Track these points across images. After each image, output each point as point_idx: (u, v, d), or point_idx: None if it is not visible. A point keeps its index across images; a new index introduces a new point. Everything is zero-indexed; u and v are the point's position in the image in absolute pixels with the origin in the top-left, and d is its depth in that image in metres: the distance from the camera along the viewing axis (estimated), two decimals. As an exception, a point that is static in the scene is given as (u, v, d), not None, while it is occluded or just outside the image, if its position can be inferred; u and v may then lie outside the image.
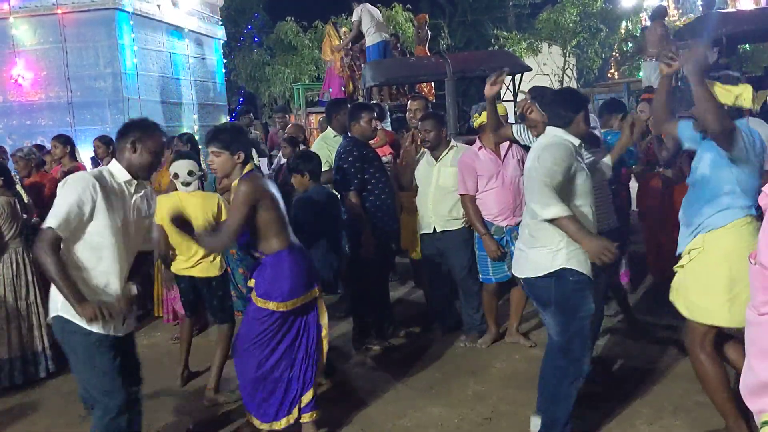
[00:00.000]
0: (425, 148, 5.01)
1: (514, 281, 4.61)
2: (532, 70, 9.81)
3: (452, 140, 5.12)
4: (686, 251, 3.31)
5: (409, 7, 19.17)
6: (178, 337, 5.48)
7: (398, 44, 11.32)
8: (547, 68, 18.44)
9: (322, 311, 3.76)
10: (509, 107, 8.13)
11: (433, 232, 5.01)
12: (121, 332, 3.08)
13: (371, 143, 5.13)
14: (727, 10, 11.71)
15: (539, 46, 19.64)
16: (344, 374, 4.61)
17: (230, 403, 4.25)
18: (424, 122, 4.98)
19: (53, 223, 2.85)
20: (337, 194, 5.04)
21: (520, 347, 4.86)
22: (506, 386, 4.27)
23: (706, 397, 3.84)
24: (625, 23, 19.79)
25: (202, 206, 4.35)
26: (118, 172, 3.07)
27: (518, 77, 9.20)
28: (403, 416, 3.98)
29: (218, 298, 4.44)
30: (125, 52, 10.20)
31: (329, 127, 5.68)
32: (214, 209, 4.42)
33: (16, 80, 10.11)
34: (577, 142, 3.33)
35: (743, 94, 3.24)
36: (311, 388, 3.68)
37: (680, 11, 18.46)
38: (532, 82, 10.19)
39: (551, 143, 3.27)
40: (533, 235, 3.31)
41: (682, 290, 3.33)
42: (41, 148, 7.34)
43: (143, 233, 3.23)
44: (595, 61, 19.74)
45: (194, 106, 12.14)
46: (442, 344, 5.08)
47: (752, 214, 3.16)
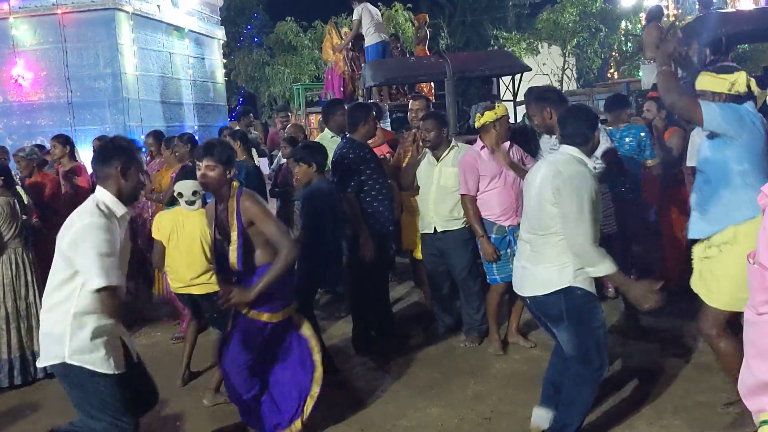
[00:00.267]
0: (426, 147, 5.01)
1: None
2: (531, 70, 9.81)
3: (453, 140, 5.12)
4: (715, 243, 3.28)
5: (409, 6, 19.20)
6: (178, 336, 5.49)
7: (398, 44, 11.32)
8: (546, 68, 18.48)
9: (301, 324, 3.79)
10: (509, 107, 8.15)
11: (433, 232, 5.00)
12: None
13: (369, 142, 5.13)
14: (726, 10, 11.71)
15: (539, 46, 19.68)
16: (344, 374, 4.61)
17: (231, 403, 4.24)
18: (425, 122, 4.98)
19: (104, 281, 2.67)
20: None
21: (520, 347, 4.86)
22: (506, 386, 4.27)
23: (706, 397, 3.87)
24: (624, 23, 19.84)
25: (201, 223, 4.33)
26: (113, 204, 2.87)
27: (518, 77, 9.21)
28: (402, 416, 3.98)
29: (219, 311, 4.41)
30: (125, 52, 10.22)
31: (326, 128, 5.66)
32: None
33: (16, 80, 10.12)
34: (591, 163, 3.25)
35: (738, 80, 3.25)
36: (307, 398, 3.69)
37: (680, 11, 18.47)
38: (531, 82, 10.21)
39: (575, 175, 3.11)
40: (537, 251, 3.25)
41: (708, 279, 3.33)
42: (41, 148, 7.34)
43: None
44: (594, 61, 19.78)
45: (194, 106, 12.15)
46: (442, 344, 5.09)
47: None
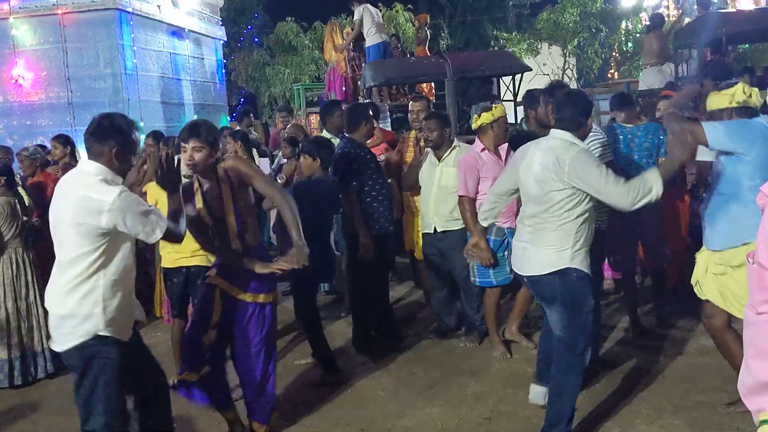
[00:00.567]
0: (428, 147, 5.01)
1: (518, 284, 4.61)
2: (531, 70, 9.81)
3: (455, 140, 5.11)
4: (725, 263, 3.36)
5: (409, 7, 19.20)
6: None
7: (399, 44, 11.32)
8: (547, 68, 18.44)
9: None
10: (509, 107, 8.16)
11: (434, 232, 5.00)
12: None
13: (367, 142, 5.13)
14: (726, 10, 11.71)
15: (539, 46, 19.66)
16: (345, 374, 4.61)
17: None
18: (427, 121, 4.98)
19: (162, 227, 2.85)
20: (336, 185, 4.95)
21: (520, 347, 4.85)
22: (506, 386, 4.27)
23: (706, 396, 3.87)
24: (625, 23, 19.81)
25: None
26: (114, 177, 2.90)
27: (518, 77, 9.21)
28: (403, 416, 3.98)
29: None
30: (125, 52, 10.21)
31: (324, 129, 5.65)
32: None
33: (16, 80, 10.12)
34: (583, 146, 3.40)
35: (736, 91, 3.40)
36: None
37: (681, 11, 18.46)
38: (531, 82, 10.19)
39: (577, 155, 3.23)
40: (537, 233, 3.37)
41: (728, 296, 3.40)
42: (44, 148, 7.34)
43: None
44: (595, 61, 19.76)
45: (194, 106, 12.15)
46: (442, 344, 5.09)
47: None
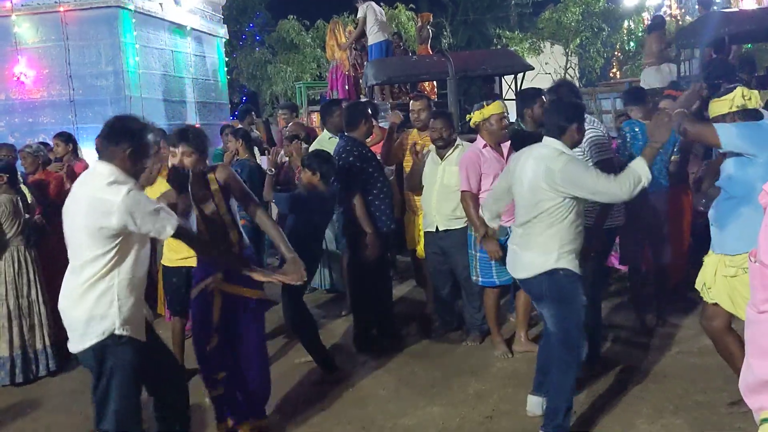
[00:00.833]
0: (437, 146, 4.99)
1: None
2: (534, 69, 9.80)
3: (458, 139, 5.11)
4: (736, 265, 3.36)
5: (412, 6, 19.18)
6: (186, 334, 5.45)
7: (401, 43, 11.31)
8: (549, 68, 18.44)
9: None
10: (511, 106, 8.13)
11: (435, 230, 4.99)
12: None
13: (367, 141, 5.12)
14: (729, 9, 11.68)
15: (541, 45, 19.63)
16: (345, 373, 4.61)
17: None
18: (435, 121, 4.97)
19: (173, 224, 2.85)
20: (333, 196, 4.94)
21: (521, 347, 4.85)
22: (507, 385, 4.28)
23: (706, 396, 3.87)
24: (627, 22, 19.76)
25: None
26: (126, 180, 2.86)
27: (520, 76, 9.20)
28: (403, 415, 3.99)
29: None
30: (127, 50, 10.20)
31: (324, 129, 5.65)
32: None
33: (18, 78, 10.11)
34: (572, 153, 3.46)
35: (735, 97, 3.46)
36: None
37: (683, 11, 18.43)
38: (533, 81, 10.18)
39: (565, 164, 3.33)
40: (525, 236, 3.53)
41: (738, 300, 3.41)
42: (47, 146, 7.34)
43: None
44: (597, 60, 19.73)
45: (196, 104, 12.15)
46: (443, 343, 5.09)
47: None
